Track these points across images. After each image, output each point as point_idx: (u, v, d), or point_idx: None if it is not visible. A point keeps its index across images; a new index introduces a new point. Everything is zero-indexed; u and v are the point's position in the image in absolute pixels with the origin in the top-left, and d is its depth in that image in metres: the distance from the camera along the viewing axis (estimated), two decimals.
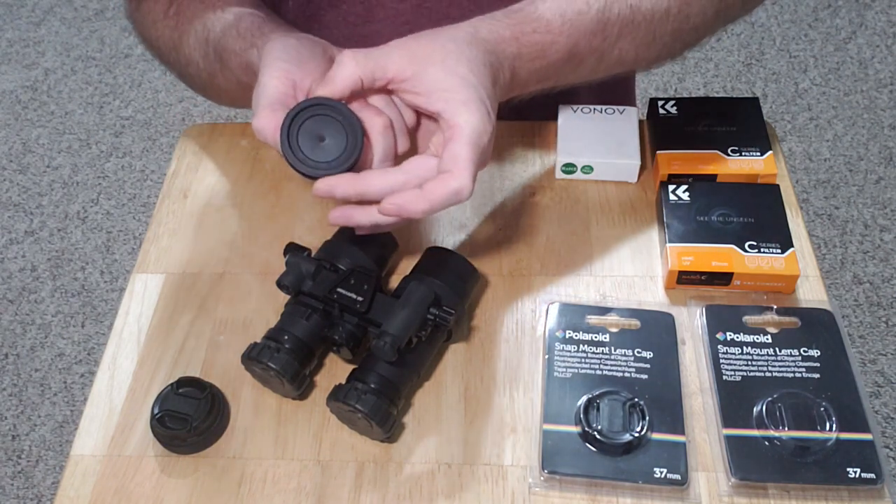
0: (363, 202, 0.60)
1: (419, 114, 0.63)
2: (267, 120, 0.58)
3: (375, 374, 0.60)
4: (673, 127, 0.78)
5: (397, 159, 0.62)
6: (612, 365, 0.63)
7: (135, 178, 2.00)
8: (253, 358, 0.61)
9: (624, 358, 0.64)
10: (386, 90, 0.60)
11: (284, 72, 0.59)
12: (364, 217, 0.60)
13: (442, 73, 0.57)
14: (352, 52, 0.58)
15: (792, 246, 0.68)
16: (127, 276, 1.61)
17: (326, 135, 0.59)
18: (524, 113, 0.82)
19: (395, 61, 0.58)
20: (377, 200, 0.58)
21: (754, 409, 0.60)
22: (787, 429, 0.59)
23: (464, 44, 0.59)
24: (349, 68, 0.58)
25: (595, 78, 0.68)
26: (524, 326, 0.68)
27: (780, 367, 0.63)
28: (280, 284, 0.64)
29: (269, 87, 0.59)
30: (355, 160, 0.59)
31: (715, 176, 0.74)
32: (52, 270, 1.82)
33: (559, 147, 0.77)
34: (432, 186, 0.56)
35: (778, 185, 0.73)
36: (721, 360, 0.63)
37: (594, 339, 0.65)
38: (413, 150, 0.63)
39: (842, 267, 1.74)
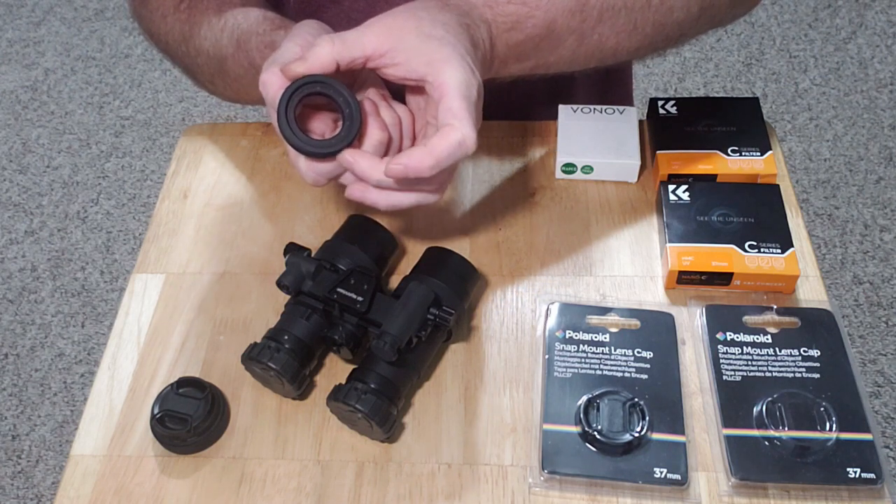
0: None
1: (408, 89, 0.63)
2: (276, 77, 0.58)
3: (375, 374, 0.60)
4: (673, 127, 0.78)
5: None
6: (612, 365, 0.63)
7: (135, 178, 2.00)
8: (253, 358, 0.61)
9: (624, 358, 0.64)
10: (368, 69, 0.60)
11: (308, 44, 0.60)
12: (380, 197, 0.60)
13: (418, 40, 0.57)
14: (329, 36, 0.58)
15: (792, 246, 0.68)
16: (127, 276, 1.61)
17: (322, 111, 0.58)
18: (524, 113, 0.82)
19: (370, 39, 0.58)
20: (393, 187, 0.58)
21: (754, 409, 0.60)
22: (787, 429, 0.59)
23: (435, 10, 0.59)
24: (325, 49, 0.58)
25: (576, 65, 0.67)
26: (524, 326, 0.68)
27: (780, 367, 0.63)
28: (280, 284, 0.64)
29: (290, 52, 0.59)
30: (353, 138, 0.58)
31: (715, 176, 0.74)
32: (52, 270, 1.82)
33: (559, 147, 0.77)
34: (435, 141, 0.55)
35: (778, 185, 0.73)
36: (721, 360, 0.63)
37: (594, 339, 0.65)
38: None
39: (842, 267, 1.74)
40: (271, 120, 0.59)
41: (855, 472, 0.57)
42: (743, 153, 0.75)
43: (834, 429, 0.59)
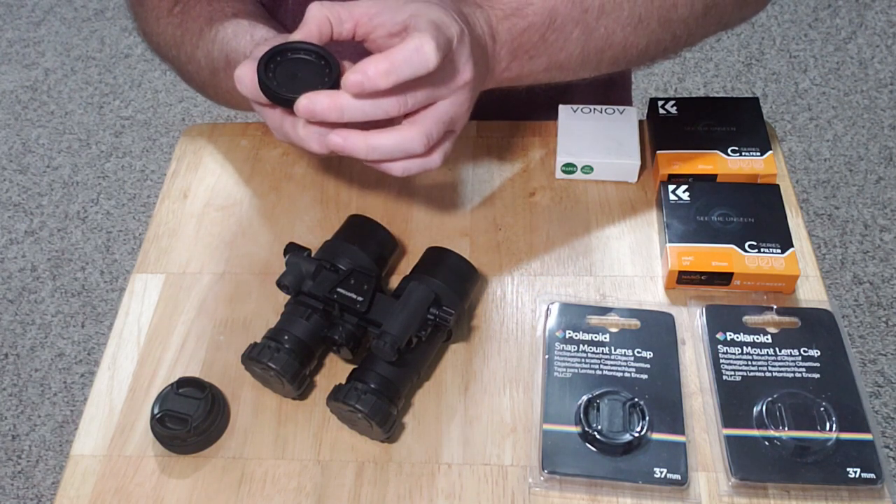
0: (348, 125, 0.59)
1: None
2: (250, 70, 0.58)
3: (375, 374, 0.60)
4: (673, 127, 0.78)
5: None
6: (612, 365, 0.63)
7: (135, 178, 2.00)
8: (253, 358, 0.61)
9: (624, 358, 0.64)
10: (356, 38, 0.60)
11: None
12: (359, 140, 0.58)
13: (404, 5, 0.58)
14: (319, 2, 0.59)
15: (792, 246, 0.68)
16: (127, 276, 1.61)
17: (302, 71, 0.58)
18: (524, 113, 0.82)
19: (359, 5, 0.59)
20: (362, 126, 0.58)
21: (754, 409, 0.60)
22: (787, 429, 0.59)
23: None
24: (315, 8, 0.58)
25: (588, 64, 0.67)
26: (524, 326, 0.68)
27: (780, 367, 0.63)
28: (280, 284, 0.64)
29: (260, 49, 0.59)
30: (332, 83, 0.58)
31: (715, 176, 0.74)
32: (52, 270, 1.82)
33: (559, 147, 0.77)
34: (392, 49, 0.55)
35: (778, 185, 0.73)
36: (721, 360, 0.63)
37: (594, 339, 0.65)
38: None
39: (842, 267, 1.74)
40: (258, 114, 0.59)
41: (855, 472, 0.57)
42: (743, 153, 0.75)
43: (834, 429, 0.59)
